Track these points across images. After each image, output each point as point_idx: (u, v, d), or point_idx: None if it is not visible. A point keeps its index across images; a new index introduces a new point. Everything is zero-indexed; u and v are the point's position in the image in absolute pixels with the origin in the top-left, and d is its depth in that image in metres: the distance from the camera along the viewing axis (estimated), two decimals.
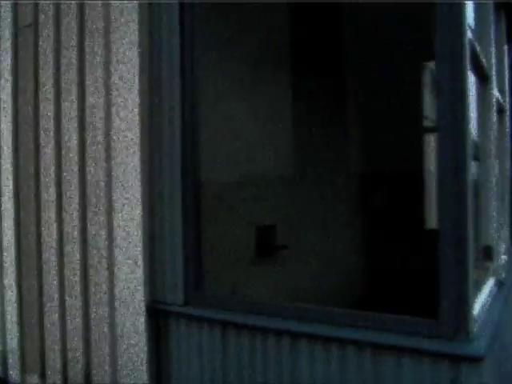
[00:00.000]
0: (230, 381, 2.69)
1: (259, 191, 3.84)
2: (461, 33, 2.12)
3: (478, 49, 2.64)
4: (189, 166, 2.86)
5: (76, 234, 3.18)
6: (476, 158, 3.18)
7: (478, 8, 3.13)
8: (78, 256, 3.19)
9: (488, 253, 3.10)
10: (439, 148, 2.09)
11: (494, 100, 3.18)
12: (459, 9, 2.14)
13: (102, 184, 3.06)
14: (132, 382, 3.03)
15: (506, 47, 4.21)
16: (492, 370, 2.27)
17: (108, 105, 3.02)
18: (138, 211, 2.91)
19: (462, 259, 2.08)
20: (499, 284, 3.14)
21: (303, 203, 4.17)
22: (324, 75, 4.09)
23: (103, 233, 3.07)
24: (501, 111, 3.96)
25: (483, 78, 3.04)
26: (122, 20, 2.96)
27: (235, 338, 2.68)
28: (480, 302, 2.46)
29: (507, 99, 4.21)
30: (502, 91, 4.05)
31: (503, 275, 3.30)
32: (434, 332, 2.12)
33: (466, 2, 2.18)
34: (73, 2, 3.23)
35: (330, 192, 4.18)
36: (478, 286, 2.68)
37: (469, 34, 2.21)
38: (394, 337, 2.19)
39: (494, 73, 3.20)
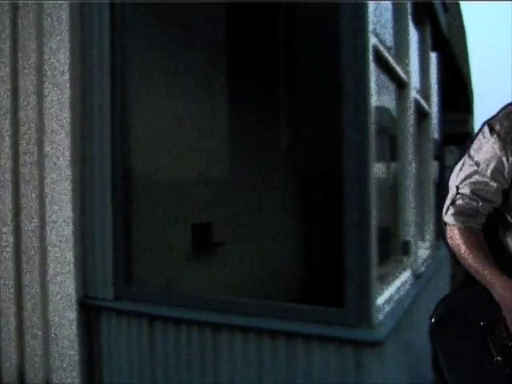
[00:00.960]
0: (157, 373, 2.80)
1: (194, 190, 3.95)
2: (364, 35, 2.26)
3: (388, 54, 2.81)
4: (119, 165, 2.96)
5: (6, 230, 3.22)
6: (394, 159, 3.39)
7: (397, 18, 3.33)
8: (10, 253, 3.24)
9: (405, 248, 3.30)
10: (345, 147, 2.26)
11: (412, 105, 3.39)
12: (362, 10, 2.28)
13: (36, 183, 3.12)
14: (64, 376, 3.10)
15: (431, 55, 4.45)
16: (395, 354, 2.45)
17: (40, 105, 3.08)
18: (68, 209, 2.99)
19: (365, 254, 2.25)
20: (416, 276, 3.35)
21: (240, 202, 4.30)
22: (262, 76, 4.23)
23: (35, 230, 3.13)
24: (424, 115, 4.20)
25: (399, 84, 3.24)
26: (54, 19, 3.02)
27: (162, 331, 2.79)
28: (389, 293, 2.65)
29: (433, 104, 4.45)
30: (426, 97, 4.29)
31: (422, 269, 3.52)
32: (340, 320, 2.29)
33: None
34: (6, 1, 3.27)
35: (267, 191, 4.33)
36: (392, 278, 2.87)
37: (373, 40, 2.37)
38: (305, 325, 2.35)
39: (412, 79, 3.40)
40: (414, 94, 3.47)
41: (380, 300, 2.42)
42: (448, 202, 1.58)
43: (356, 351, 2.24)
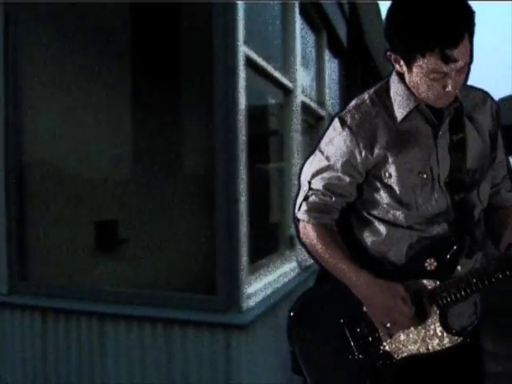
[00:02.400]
0: (48, 364, 2.93)
1: (99, 189, 4.07)
2: (234, 47, 2.48)
3: (268, 63, 3.05)
4: (12, 161, 3.07)
5: None
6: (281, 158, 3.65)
7: (284, 29, 3.58)
8: None
9: (291, 242, 3.57)
10: (215, 145, 2.48)
11: (299, 110, 3.66)
12: (233, 23, 2.49)
13: None
14: None
15: (327, 63, 4.77)
16: (265, 337, 2.70)
17: None
18: None
19: (234, 247, 2.48)
20: (302, 268, 3.63)
21: (145, 201, 4.45)
22: (166, 78, 4.38)
23: None
24: (318, 119, 4.50)
25: (285, 91, 3.50)
26: None
27: (53, 323, 2.92)
28: (266, 281, 2.89)
29: (328, 108, 4.74)
30: (321, 103, 4.60)
31: (309, 262, 3.80)
32: (212, 306, 2.51)
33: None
34: None
35: (171, 190, 4.50)
36: (272, 269, 3.12)
37: (245, 49, 2.59)
38: (181, 312, 2.56)
39: (299, 86, 3.67)
40: (301, 99, 3.74)
41: (252, 288, 2.66)
42: (300, 198, 1.55)
43: (226, 334, 2.47)
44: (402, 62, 1.41)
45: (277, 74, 3.24)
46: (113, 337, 2.73)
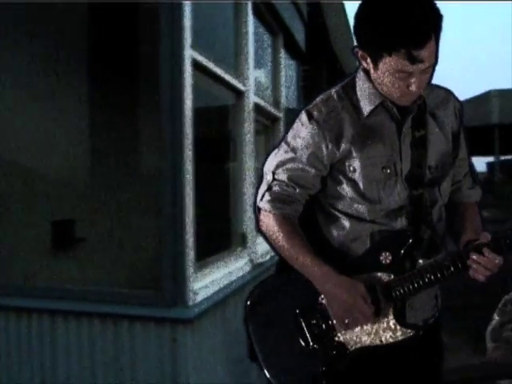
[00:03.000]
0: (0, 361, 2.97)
1: (56, 189, 4.10)
2: (180, 51, 2.55)
3: (217, 66, 3.13)
4: None
5: None
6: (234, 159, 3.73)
7: (236, 32, 3.66)
8: None
9: (243, 239, 3.67)
10: (162, 148, 2.56)
11: (251, 111, 3.75)
12: (179, 27, 2.54)
13: None
14: None
15: (284, 64, 4.87)
16: (211, 330, 2.79)
17: None
18: None
19: (180, 244, 2.57)
20: (254, 266, 3.72)
21: (103, 200, 4.49)
22: (123, 78, 4.42)
23: None
24: (274, 120, 4.60)
25: (236, 93, 3.59)
26: None
27: (4, 321, 2.96)
28: (214, 278, 2.97)
29: (283, 109, 4.84)
30: (277, 104, 4.70)
31: (261, 259, 3.90)
32: (159, 301, 2.59)
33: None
34: None
35: (130, 188, 4.55)
36: (222, 265, 3.20)
37: (192, 52, 2.66)
38: (130, 308, 2.63)
39: (251, 88, 3.75)
40: (254, 100, 3.83)
41: (199, 284, 2.74)
42: (264, 188, 1.55)
43: (172, 328, 2.55)
44: (368, 60, 1.44)
45: (227, 77, 3.32)
46: (63, 333, 2.78)
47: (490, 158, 36.56)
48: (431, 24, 1.38)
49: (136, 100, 4.61)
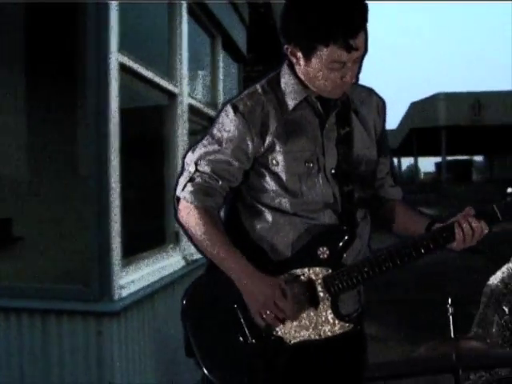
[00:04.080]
0: None
1: None
2: (106, 55, 2.63)
3: (147, 69, 3.24)
4: None
5: None
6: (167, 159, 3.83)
7: (171, 28, 3.74)
8: None
9: (176, 237, 3.78)
10: (84, 148, 2.65)
11: (185, 113, 3.86)
12: (106, 12, 2.61)
13: None
14: None
15: (221, 67, 5.00)
16: (140, 324, 2.90)
17: None
18: None
19: (106, 241, 2.67)
20: (188, 262, 3.84)
21: (41, 199, 4.51)
22: (59, 77, 4.44)
23: None
24: (211, 121, 4.70)
25: (169, 95, 3.70)
26: None
27: None
28: (143, 273, 3.08)
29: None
30: (214, 104, 4.83)
31: (195, 256, 4.01)
32: (86, 296, 2.68)
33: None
34: None
35: (67, 188, 4.59)
36: (152, 262, 3.30)
37: (119, 56, 2.75)
38: (57, 303, 2.71)
39: (185, 90, 3.87)
40: (188, 102, 3.94)
41: (126, 279, 2.85)
42: (185, 178, 1.53)
43: (97, 322, 2.65)
44: (299, 55, 1.46)
45: (158, 79, 3.43)
46: None
47: (438, 159, 37.69)
48: (363, 12, 1.44)
49: (73, 99, 4.66)
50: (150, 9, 3.65)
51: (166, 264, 3.46)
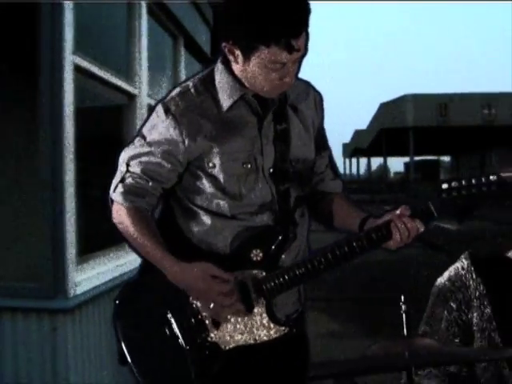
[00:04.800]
0: None
1: None
2: (61, 57, 2.67)
3: (103, 71, 3.28)
4: None
5: None
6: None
7: (129, 28, 3.78)
8: None
9: None
10: (40, 149, 2.69)
11: (144, 113, 3.90)
12: (60, 12, 2.63)
13: None
14: None
15: (183, 67, 5.05)
16: (95, 321, 2.94)
17: None
18: None
19: (60, 240, 2.70)
20: None
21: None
22: (15, 76, 4.42)
23: None
24: None
25: (128, 96, 3.75)
26: None
27: None
28: (100, 271, 3.12)
29: None
30: None
31: None
32: (41, 294, 2.72)
33: None
34: None
35: (23, 189, 4.57)
36: (108, 260, 3.34)
37: (73, 58, 2.79)
38: (12, 300, 2.73)
39: (144, 91, 3.91)
40: (147, 102, 3.98)
41: (82, 276, 2.89)
42: (117, 179, 1.51)
43: (52, 318, 2.69)
44: (237, 53, 1.42)
45: (115, 80, 3.47)
46: None
47: (407, 159, 38.28)
48: (305, 13, 1.41)
49: (28, 100, 4.65)
50: (108, 9, 3.68)
51: (124, 262, 3.50)
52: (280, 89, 1.46)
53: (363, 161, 48.36)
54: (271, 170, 1.50)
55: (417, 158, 36.07)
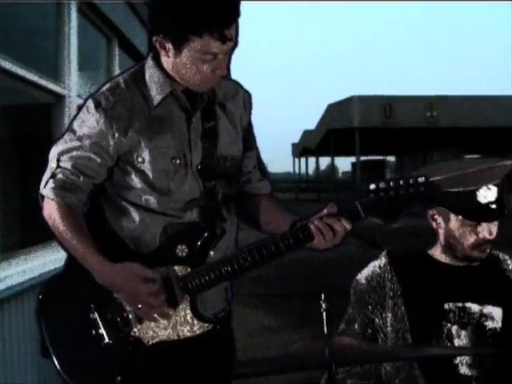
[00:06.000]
0: None
1: None
2: None
3: (17, 67, 3.21)
4: None
5: None
6: None
7: (58, 29, 3.79)
8: None
9: None
10: None
11: (72, 114, 3.93)
12: None
13: None
14: None
15: (117, 68, 5.08)
16: (16, 316, 2.97)
17: None
18: None
19: None
20: None
21: None
22: None
23: None
24: None
25: (56, 96, 3.77)
26: None
27: None
28: (24, 268, 3.15)
29: None
30: None
31: None
32: None
33: None
34: None
35: None
36: (32, 257, 3.37)
37: None
38: None
39: (73, 91, 3.94)
40: (78, 103, 4.01)
41: (5, 273, 2.92)
42: (48, 175, 1.50)
43: None
44: (169, 46, 1.42)
45: (42, 81, 3.48)
46: None
47: (353, 159, 38.90)
48: (237, 2, 1.43)
49: None
50: (36, 10, 3.70)
51: (52, 259, 3.53)
52: (211, 81, 1.48)
53: (312, 160, 48.97)
54: (199, 167, 1.52)
55: (364, 158, 36.75)
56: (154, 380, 1.52)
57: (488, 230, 1.83)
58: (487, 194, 1.76)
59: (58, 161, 1.49)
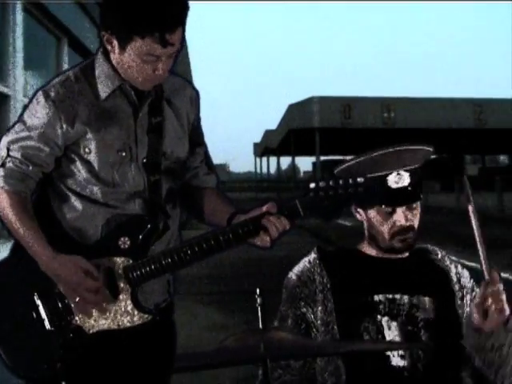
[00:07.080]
0: None
1: None
2: None
3: None
4: None
5: None
6: None
7: (2, 28, 3.74)
8: None
9: None
10: None
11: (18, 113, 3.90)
12: None
13: None
14: None
15: (66, 67, 5.05)
16: None
17: None
18: None
19: None
20: None
21: None
22: None
23: None
24: None
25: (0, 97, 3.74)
26: None
27: None
28: None
29: None
30: None
31: None
32: None
33: None
34: None
35: None
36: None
37: None
38: None
39: (19, 90, 3.91)
40: (24, 103, 3.98)
41: None
42: None
43: None
44: (114, 43, 1.45)
45: None
46: None
47: (314, 158, 39.35)
48: (182, 9, 1.46)
49: None
50: None
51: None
52: (152, 81, 1.51)
53: (273, 160, 49.21)
54: (144, 160, 1.55)
55: (324, 158, 37.16)
56: (94, 368, 1.55)
57: (404, 216, 1.80)
58: (398, 179, 1.74)
59: (8, 150, 1.52)
